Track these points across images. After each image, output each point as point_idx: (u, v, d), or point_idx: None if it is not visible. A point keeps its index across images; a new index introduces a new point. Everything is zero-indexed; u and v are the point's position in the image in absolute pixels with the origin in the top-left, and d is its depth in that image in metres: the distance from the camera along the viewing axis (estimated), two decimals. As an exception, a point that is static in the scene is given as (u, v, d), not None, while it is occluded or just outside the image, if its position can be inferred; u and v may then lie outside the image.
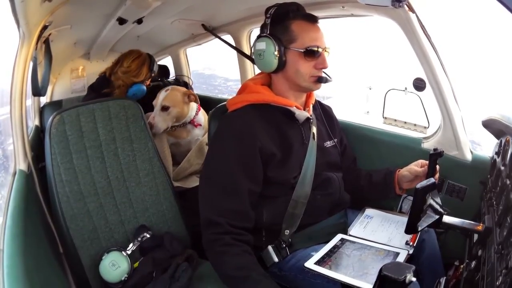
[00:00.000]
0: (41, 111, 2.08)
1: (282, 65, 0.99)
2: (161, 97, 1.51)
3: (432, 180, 0.82)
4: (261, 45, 0.99)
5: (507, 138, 0.93)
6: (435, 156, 0.97)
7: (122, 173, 1.18)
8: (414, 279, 0.55)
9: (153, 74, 1.74)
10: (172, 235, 1.19)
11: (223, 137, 1.01)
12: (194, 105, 1.61)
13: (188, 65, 2.46)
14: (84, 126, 1.13)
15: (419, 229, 0.80)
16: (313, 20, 1.01)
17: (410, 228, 0.81)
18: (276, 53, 0.97)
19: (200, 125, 1.64)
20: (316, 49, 0.97)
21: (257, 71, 1.11)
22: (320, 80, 1.01)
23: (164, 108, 1.50)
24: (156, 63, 1.77)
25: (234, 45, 1.82)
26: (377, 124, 1.39)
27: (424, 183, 0.80)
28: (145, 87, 1.71)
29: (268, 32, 0.99)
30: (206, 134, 1.69)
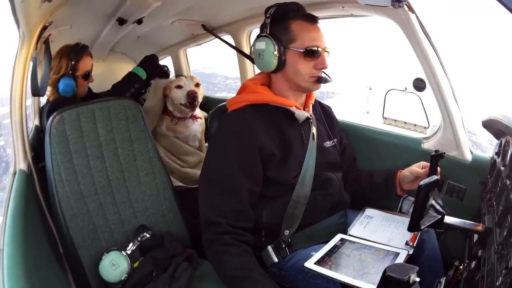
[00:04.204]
0: (41, 111, 2.08)
1: (281, 65, 0.99)
2: (188, 78, 1.62)
3: (434, 177, 0.82)
4: (261, 45, 0.99)
5: (507, 139, 0.93)
6: (436, 158, 0.97)
7: (122, 173, 1.18)
8: (418, 279, 0.56)
9: (73, 62, 1.52)
10: (172, 235, 1.19)
11: (223, 137, 1.01)
12: None
13: (188, 65, 2.46)
14: (84, 126, 1.13)
15: (422, 227, 0.80)
16: (313, 20, 1.00)
17: (413, 226, 0.81)
18: (275, 53, 0.97)
19: (200, 118, 1.70)
20: (316, 49, 0.97)
21: (257, 71, 1.11)
22: (320, 80, 1.01)
23: (198, 85, 1.61)
24: (80, 49, 1.55)
25: (234, 45, 1.83)
26: (377, 124, 1.39)
27: (427, 180, 0.80)
28: (72, 81, 1.51)
29: (267, 32, 0.99)
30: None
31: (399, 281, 0.55)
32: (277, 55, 0.97)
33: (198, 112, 1.69)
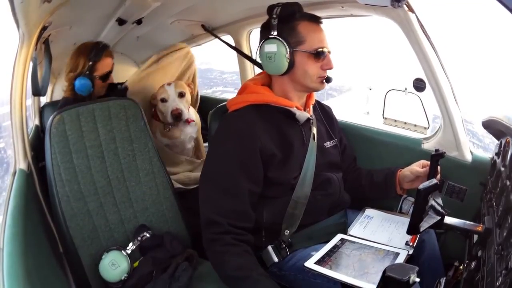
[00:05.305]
0: (41, 111, 2.09)
1: (290, 66, 0.98)
2: (172, 86, 1.54)
3: (434, 181, 0.82)
4: (271, 48, 0.97)
5: (507, 139, 0.93)
6: (436, 157, 0.97)
7: (122, 173, 1.18)
8: (417, 279, 0.56)
9: (91, 62, 1.48)
10: (172, 234, 1.19)
11: (223, 137, 1.01)
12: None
13: (188, 65, 2.45)
14: (84, 126, 1.13)
15: (421, 229, 0.80)
16: (318, 21, 1.01)
17: (412, 229, 0.81)
18: (287, 55, 0.96)
19: (193, 120, 1.65)
20: (322, 50, 0.98)
21: (257, 71, 1.11)
22: (327, 80, 1.02)
23: (181, 95, 1.55)
24: (100, 49, 1.51)
25: (234, 45, 1.82)
26: (377, 124, 1.39)
27: (426, 184, 0.79)
28: (89, 81, 1.47)
29: (276, 34, 0.98)
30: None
31: (399, 281, 0.56)
32: (289, 57, 0.97)
33: (193, 115, 1.64)
